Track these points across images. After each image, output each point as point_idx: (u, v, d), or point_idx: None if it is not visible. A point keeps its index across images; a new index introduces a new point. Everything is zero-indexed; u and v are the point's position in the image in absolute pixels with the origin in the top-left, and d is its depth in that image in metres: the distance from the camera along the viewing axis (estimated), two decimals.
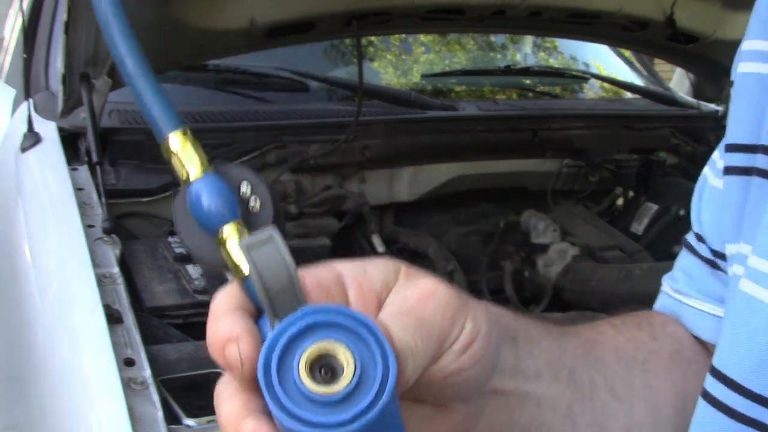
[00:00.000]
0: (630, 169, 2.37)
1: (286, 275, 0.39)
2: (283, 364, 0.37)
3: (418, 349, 0.41)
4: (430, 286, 0.44)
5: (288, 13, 1.87)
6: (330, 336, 0.37)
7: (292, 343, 0.37)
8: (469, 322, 0.44)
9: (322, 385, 0.37)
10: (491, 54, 2.97)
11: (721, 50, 2.38)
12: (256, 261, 0.39)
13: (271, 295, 0.39)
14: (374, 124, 2.12)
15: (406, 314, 0.42)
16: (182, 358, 1.20)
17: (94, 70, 1.66)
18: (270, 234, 0.39)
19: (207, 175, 0.42)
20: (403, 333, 0.40)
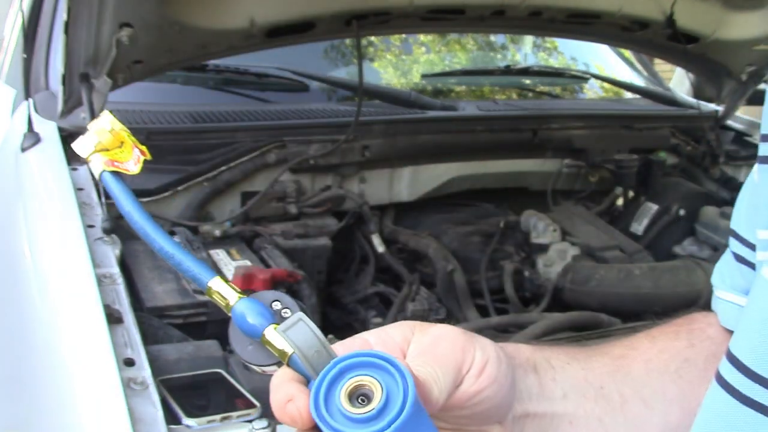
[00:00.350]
0: (630, 169, 2.38)
1: (317, 342, 0.52)
2: (329, 400, 0.49)
3: (439, 377, 0.51)
4: (440, 331, 0.55)
5: (288, 13, 1.87)
6: (360, 372, 0.49)
7: (332, 385, 0.50)
8: (479, 351, 0.54)
9: (360, 408, 0.48)
10: (491, 54, 2.97)
11: (721, 50, 2.38)
12: (291, 337, 0.52)
13: (309, 358, 0.52)
14: (374, 124, 2.12)
15: (424, 354, 0.53)
16: (182, 358, 1.20)
17: (94, 70, 1.66)
18: (299, 317, 0.53)
19: (242, 299, 0.55)
20: (424, 367, 0.51)
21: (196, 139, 1.92)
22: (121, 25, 1.57)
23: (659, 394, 0.60)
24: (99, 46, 1.61)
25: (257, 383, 1.17)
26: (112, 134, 0.59)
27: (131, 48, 1.61)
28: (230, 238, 1.71)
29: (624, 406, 0.59)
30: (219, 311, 1.46)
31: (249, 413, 1.05)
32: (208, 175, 1.89)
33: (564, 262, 1.97)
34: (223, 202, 1.94)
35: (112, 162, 0.60)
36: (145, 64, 1.74)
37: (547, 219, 2.11)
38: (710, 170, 2.52)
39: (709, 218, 2.23)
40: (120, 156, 0.60)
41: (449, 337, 0.54)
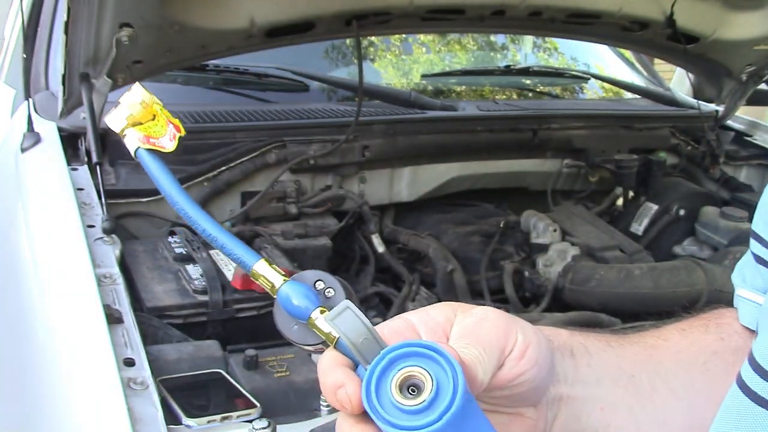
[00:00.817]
0: (630, 169, 2.38)
1: (365, 330, 0.52)
2: (379, 390, 0.50)
3: (484, 358, 0.52)
4: (482, 313, 0.56)
5: (288, 13, 1.87)
6: (409, 363, 0.50)
7: (382, 375, 0.50)
8: (520, 334, 0.55)
9: (411, 399, 0.49)
10: (491, 54, 2.97)
11: (721, 50, 2.38)
12: (339, 326, 0.52)
13: (358, 346, 0.52)
14: (374, 124, 2.12)
15: (468, 335, 0.54)
16: (182, 358, 1.20)
17: (94, 70, 1.66)
18: (346, 305, 0.53)
19: (287, 282, 0.55)
20: (468, 349, 0.52)
21: (196, 139, 1.92)
22: (121, 25, 1.57)
23: (687, 386, 0.61)
24: (99, 46, 1.61)
25: (257, 383, 1.17)
26: (143, 107, 0.57)
27: (131, 48, 1.61)
28: None
29: (653, 395, 0.60)
30: (219, 311, 1.47)
31: (249, 413, 1.05)
32: (208, 175, 1.89)
33: (564, 262, 1.97)
34: (223, 202, 1.94)
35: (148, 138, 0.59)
36: (145, 64, 1.74)
37: (547, 219, 2.11)
38: (710, 170, 2.52)
39: (709, 218, 2.23)
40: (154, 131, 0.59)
41: (492, 319, 0.55)
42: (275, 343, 1.35)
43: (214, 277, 1.45)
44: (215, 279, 1.45)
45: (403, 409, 0.48)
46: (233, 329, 1.44)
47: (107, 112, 0.57)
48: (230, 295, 1.44)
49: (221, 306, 1.42)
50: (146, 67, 1.76)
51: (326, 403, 1.11)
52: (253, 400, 1.09)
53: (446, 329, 0.55)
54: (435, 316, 0.56)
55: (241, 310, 1.45)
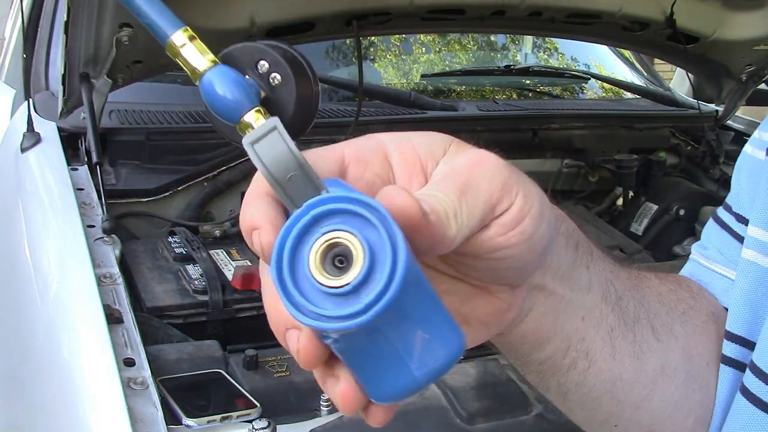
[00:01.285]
0: (630, 169, 2.38)
1: (293, 163, 0.39)
2: (296, 258, 0.37)
3: (462, 210, 0.39)
4: (480, 154, 0.42)
5: (288, 13, 1.87)
6: (338, 225, 0.37)
7: (301, 238, 0.37)
8: (521, 197, 0.42)
9: (333, 277, 0.36)
10: (491, 54, 2.97)
11: (721, 50, 2.38)
12: (260, 155, 0.39)
13: (284, 185, 0.39)
14: (374, 124, 2.12)
15: (450, 177, 0.41)
16: (182, 358, 1.20)
17: (94, 70, 1.66)
18: (273, 124, 0.39)
19: (216, 66, 0.42)
20: (445, 194, 0.39)
21: (196, 139, 1.92)
22: (121, 25, 1.57)
23: (666, 329, 0.56)
24: (99, 46, 1.61)
25: (257, 383, 1.17)
26: None
27: (131, 48, 1.61)
28: (230, 238, 1.71)
29: (635, 326, 0.54)
30: (219, 311, 1.47)
31: (249, 413, 1.05)
32: (208, 175, 1.89)
33: None
34: (223, 202, 1.94)
35: None
36: (145, 64, 1.74)
37: None
38: (710, 170, 2.52)
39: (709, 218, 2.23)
40: None
41: (490, 165, 0.42)
42: (275, 343, 1.34)
43: (214, 277, 1.45)
44: (215, 279, 1.45)
45: (321, 289, 0.36)
46: (233, 329, 1.44)
47: None
48: (230, 295, 1.44)
49: (221, 306, 1.42)
50: (146, 67, 1.76)
51: (326, 403, 1.11)
52: (253, 400, 1.09)
53: (427, 165, 0.42)
54: (417, 144, 0.43)
55: (241, 310, 1.45)
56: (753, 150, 0.62)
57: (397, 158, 0.42)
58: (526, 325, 0.48)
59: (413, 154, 0.42)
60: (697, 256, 0.67)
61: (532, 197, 0.42)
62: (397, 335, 0.37)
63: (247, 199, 0.40)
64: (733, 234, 0.62)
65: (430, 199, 0.39)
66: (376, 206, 0.36)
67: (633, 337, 0.53)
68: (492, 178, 0.41)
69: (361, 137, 0.43)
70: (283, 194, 0.39)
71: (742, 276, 0.57)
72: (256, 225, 0.39)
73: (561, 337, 0.50)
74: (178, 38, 0.43)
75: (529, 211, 0.42)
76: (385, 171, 0.42)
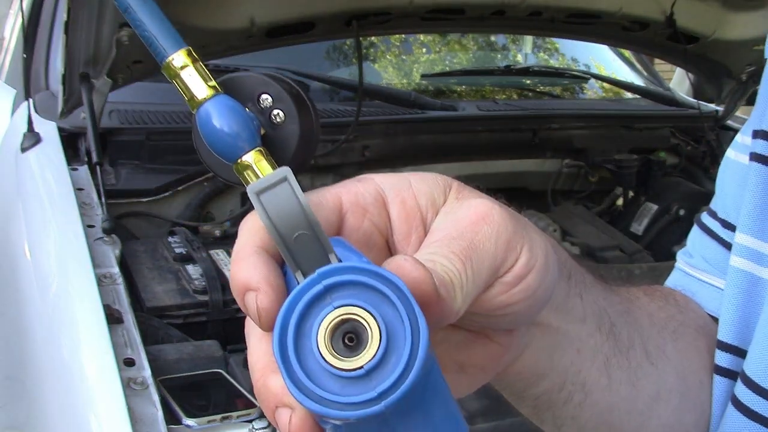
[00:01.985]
0: (630, 169, 2.38)
1: (303, 221, 0.35)
2: (301, 334, 0.33)
3: (468, 279, 0.36)
4: (483, 208, 0.39)
5: (288, 13, 1.87)
6: (352, 299, 0.33)
7: (310, 310, 0.33)
8: (526, 252, 0.39)
9: (343, 357, 0.32)
10: (491, 54, 2.97)
11: (721, 50, 2.38)
12: (267, 208, 0.35)
13: (289, 243, 0.35)
14: (374, 124, 2.12)
15: (455, 240, 0.37)
16: (182, 358, 1.20)
17: (94, 70, 1.66)
18: (283, 174, 0.35)
19: (217, 96, 0.38)
20: (451, 262, 0.36)
21: None
22: (121, 25, 1.57)
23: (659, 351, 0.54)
24: (99, 46, 1.61)
25: None
26: None
27: (131, 48, 1.61)
28: (230, 238, 1.71)
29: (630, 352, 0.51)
30: (219, 311, 1.47)
31: (249, 413, 1.05)
32: (208, 175, 1.89)
33: None
34: (223, 202, 1.94)
35: None
36: (145, 64, 1.74)
37: (547, 219, 2.11)
38: (710, 170, 2.52)
39: None
40: None
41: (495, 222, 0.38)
42: None
43: (214, 277, 1.45)
44: (215, 279, 1.45)
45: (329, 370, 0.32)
46: (233, 329, 1.44)
47: None
48: (230, 295, 1.44)
49: (221, 306, 1.42)
50: (146, 67, 1.76)
51: None
52: (253, 400, 1.09)
53: (427, 216, 0.39)
54: (418, 192, 0.39)
55: (241, 310, 1.45)
56: (736, 155, 0.61)
57: (397, 208, 0.39)
58: (522, 362, 0.46)
59: (413, 204, 0.39)
60: (682, 264, 0.65)
61: (537, 249, 0.40)
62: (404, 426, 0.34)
63: (240, 253, 0.36)
64: (719, 240, 0.62)
65: (437, 268, 0.36)
66: (397, 282, 0.33)
67: (628, 364, 0.51)
68: (497, 238, 0.38)
69: (357, 180, 0.40)
70: (288, 254, 0.35)
71: (731, 284, 0.56)
72: (252, 286, 0.35)
73: (557, 372, 0.48)
74: (178, 59, 0.39)
75: (533, 265, 0.39)
76: (383, 221, 0.39)
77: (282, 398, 0.34)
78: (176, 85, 0.39)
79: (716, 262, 0.61)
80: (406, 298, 0.32)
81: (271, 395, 0.35)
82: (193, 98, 0.38)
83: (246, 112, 0.38)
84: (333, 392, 0.32)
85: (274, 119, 0.40)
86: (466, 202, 0.40)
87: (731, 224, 0.60)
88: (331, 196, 0.38)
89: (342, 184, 0.39)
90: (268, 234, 0.35)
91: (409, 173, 0.40)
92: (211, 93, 0.38)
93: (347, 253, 0.36)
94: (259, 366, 0.36)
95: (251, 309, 0.35)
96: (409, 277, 0.34)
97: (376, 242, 0.39)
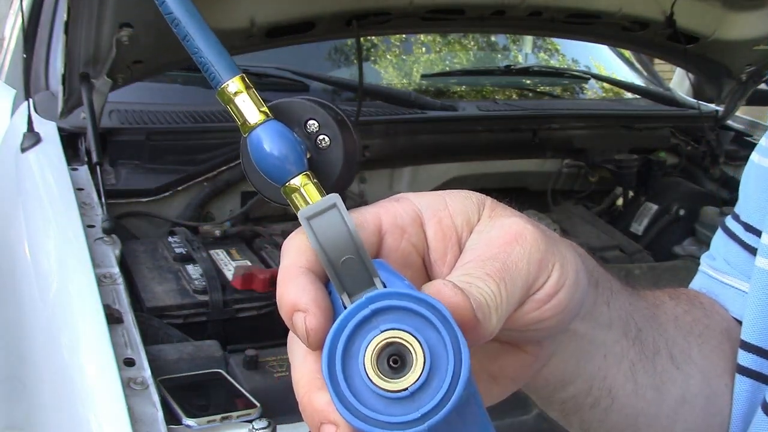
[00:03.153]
0: (630, 169, 2.38)
1: (351, 246, 0.37)
2: (349, 355, 0.35)
3: (502, 300, 0.38)
4: (516, 228, 0.41)
5: (288, 13, 1.87)
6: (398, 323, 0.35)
7: (357, 333, 0.35)
8: (557, 270, 0.41)
9: (389, 379, 0.34)
10: (491, 54, 2.97)
11: (721, 50, 2.38)
12: (317, 233, 0.37)
13: (337, 267, 0.37)
14: (374, 124, 2.12)
15: (489, 261, 0.39)
16: (182, 358, 1.20)
17: (94, 70, 1.66)
18: (332, 201, 0.37)
19: (269, 121, 0.40)
20: (486, 284, 0.38)
21: (196, 139, 1.92)
22: (121, 25, 1.57)
23: (685, 355, 0.55)
24: (99, 46, 1.61)
25: (257, 383, 1.17)
26: None
27: (131, 48, 1.61)
28: (230, 238, 1.71)
29: (655, 357, 0.52)
30: (219, 311, 1.46)
31: (249, 413, 1.05)
32: (208, 175, 1.89)
33: None
34: (223, 202, 1.94)
35: None
36: (145, 64, 1.74)
37: (547, 219, 2.11)
38: (710, 170, 2.52)
39: (709, 218, 2.23)
40: None
41: (527, 242, 0.40)
42: (275, 343, 1.35)
43: (214, 277, 1.45)
44: (215, 279, 1.45)
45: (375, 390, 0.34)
46: (233, 329, 1.44)
47: None
48: (230, 295, 1.44)
49: (221, 306, 1.42)
50: (146, 67, 1.76)
51: None
52: (253, 400, 1.09)
53: (462, 235, 0.41)
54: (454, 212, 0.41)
55: (241, 310, 1.45)
56: (760, 159, 0.61)
57: (433, 228, 0.41)
58: (549, 368, 0.47)
59: (449, 224, 0.41)
60: (705, 267, 0.66)
61: (568, 266, 0.42)
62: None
63: (287, 274, 0.38)
64: (741, 244, 0.62)
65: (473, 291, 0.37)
66: (440, 308, 0.35)
67: (654, 369, 0.52)
68: (530, 258, 0.40)
69: (395, 200, 0.42)
70: (335, 277, 0.37)
71: (756, 285, 0.56)
72: (301, 307, 0.36)
73: (584, 377, 0.49)
74: (232, 85, 0.41)
75: (564, 282, 0.41)
76: (420, 240, 0.41)
77: (327, 415, 0.36)
78: (230, 110, 0.41)
79: (738, 264, 0.62)
80: (449, 324, 0.34)
81: (316, 412, 0.36)
82: (245, 123, 0.40)
83: (294, 137, 0.40)
84: (378, 411, 0.34)
85: (320, 144, 0.41)
86: (498, 221, 0.41)
87: (754, 227, 0.60)
88: (371, 218, 0.41)
89: (380, 205, 0.41)
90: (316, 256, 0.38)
91: (445, 192, 0.42)
92: (263, 118, 0.40)
93: (390, 276, 0.38)
94: (304, 382, 0.37)
95: (299, 329, 0.36)
96: (449, 302, 0.36)
97: (413, 261, 0.41)
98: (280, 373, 1.20)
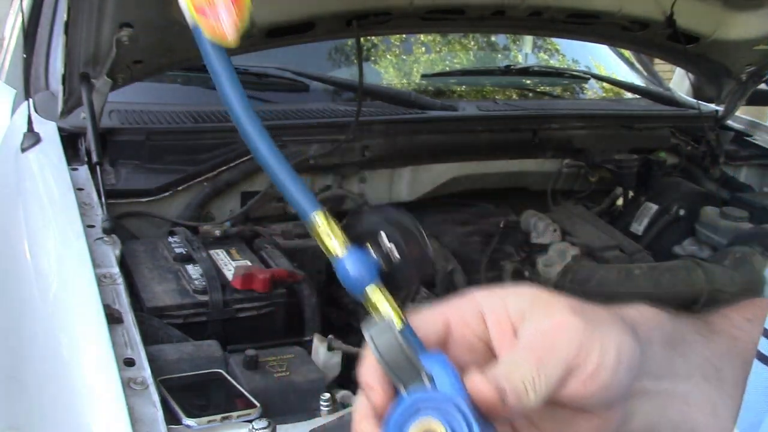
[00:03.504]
0: (630, 169, 2.37)
1: (402, 356, 0.49)
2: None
3: (540, 378, 0.46)
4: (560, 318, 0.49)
5: (288, 13, 1.87)
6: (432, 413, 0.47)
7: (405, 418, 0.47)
8: (596, 353, 0.48)
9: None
10: (491, 54, 2.97)
11: (721, 50, 2.38)
12: (377, 345, 0.49)
13: (393, 368, 0.49)
14: (374, 124, 2.12)
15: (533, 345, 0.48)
16: (182, 358, 1.20)
17: (94, 70, 1.66)
18: (387, 324, 0.50)
19: (349, 251, 0.51)
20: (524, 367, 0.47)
21: (196, 139, 1.92)
22: (121, 25, 1.57)
23: None
24: (99, 46, 1.61)
25: (257, 383, 1.17)
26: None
27: (131, 48, 1.61)
28: (230, 238, 1.71)
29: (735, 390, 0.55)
30: (219, 311, 1.46)
31: (249, 413, 1.05)
32: (208, 175, 1.89)
33: (564, 262, 1.97)
34: (223, 202, 1.94)
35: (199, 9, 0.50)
36: (145, 64, 1.74)
37: (547, 219, 2.11)
38: (710, 170, 2.52)
39: (709, 218, 2.23)
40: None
41: (570, 330, 0.48)
42: (275, 343, 1.35)
43: (214, 277, 1.45)
44: (215, 279, 1.45)
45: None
46: (233, 329, 1.44)
47: None
48: (230, 295, 1.44)
49: (221, 306, 1.42)
50: (146, 67, 1.77)
51: (326, 403, 1.11)
52: (253, 400, 1.09)
53: (517, 325, 0.50)
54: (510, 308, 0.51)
55: (241, 310, 1.45)
56: None
57: (492, 320, 0.51)
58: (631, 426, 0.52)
59: (505, 318, 0.50)
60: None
61: (609, 347, 0.48)
62: None
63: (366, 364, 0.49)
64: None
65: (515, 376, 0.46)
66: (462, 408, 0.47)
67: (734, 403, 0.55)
68: (569, 342, 0.48)
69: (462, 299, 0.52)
70: (392, 375, 0.49)
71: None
72: (372, 386, 0.48)
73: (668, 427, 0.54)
74: (317, 218, 0.51)
75: (602, 362, 0.48)
76: (482, 331, 0.51)
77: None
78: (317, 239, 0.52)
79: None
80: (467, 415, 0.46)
81: None
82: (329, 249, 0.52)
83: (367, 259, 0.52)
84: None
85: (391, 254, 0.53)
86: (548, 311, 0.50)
87: None
88: (440, 316, 0.52)
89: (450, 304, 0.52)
90: None
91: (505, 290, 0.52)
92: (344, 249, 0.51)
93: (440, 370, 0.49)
94: None
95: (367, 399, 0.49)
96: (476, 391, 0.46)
97: (477, 347, 0.52)
98: (280, 373, 1.20)
